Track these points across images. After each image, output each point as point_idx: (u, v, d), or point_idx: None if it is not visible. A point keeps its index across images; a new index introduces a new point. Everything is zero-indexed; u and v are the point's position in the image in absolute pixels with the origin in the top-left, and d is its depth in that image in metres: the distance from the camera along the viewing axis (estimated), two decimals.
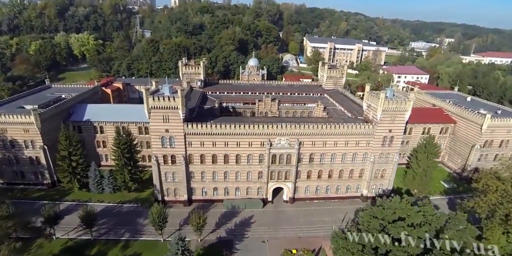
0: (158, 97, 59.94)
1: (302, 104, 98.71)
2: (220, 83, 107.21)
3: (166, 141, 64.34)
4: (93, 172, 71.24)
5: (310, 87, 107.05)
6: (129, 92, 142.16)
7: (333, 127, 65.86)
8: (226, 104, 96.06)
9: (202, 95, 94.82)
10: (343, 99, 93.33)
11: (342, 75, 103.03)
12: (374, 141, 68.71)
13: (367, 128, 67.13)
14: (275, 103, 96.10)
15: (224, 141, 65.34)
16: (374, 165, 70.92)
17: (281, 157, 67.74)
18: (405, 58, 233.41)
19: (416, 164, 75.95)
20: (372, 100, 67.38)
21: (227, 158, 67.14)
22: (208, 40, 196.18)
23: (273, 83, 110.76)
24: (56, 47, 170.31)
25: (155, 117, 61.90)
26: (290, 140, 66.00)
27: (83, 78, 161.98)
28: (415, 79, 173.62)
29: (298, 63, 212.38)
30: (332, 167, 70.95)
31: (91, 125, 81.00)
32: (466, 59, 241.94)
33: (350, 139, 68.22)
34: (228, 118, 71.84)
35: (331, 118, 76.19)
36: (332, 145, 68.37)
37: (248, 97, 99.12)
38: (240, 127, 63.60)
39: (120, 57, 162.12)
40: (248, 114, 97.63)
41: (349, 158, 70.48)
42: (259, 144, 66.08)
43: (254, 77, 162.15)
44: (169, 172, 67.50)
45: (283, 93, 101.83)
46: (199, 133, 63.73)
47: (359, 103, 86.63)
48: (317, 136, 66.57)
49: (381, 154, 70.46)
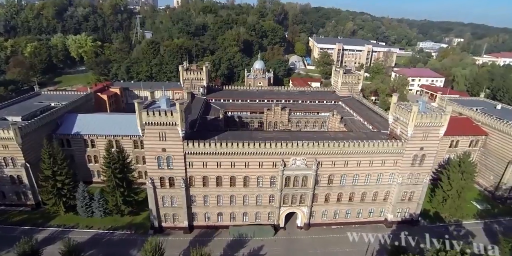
0: (153, 111, 50.76)
1: (315, 113, 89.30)
2: (224, 89, 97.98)
3: (163, 162, 55.20)
4: (81, 193, 62.27)
5: (323, 94, 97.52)
6: (128, 97, 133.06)
7: (357, 145, 56.42)
8: (231, 113, 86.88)
9: (205, 104, 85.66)
10: (361, 108, 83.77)
11: (358, 80, 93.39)
12: (403, 160, 59.16)
13: (395, 145, 57.58)
14: (286, 112, 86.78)
15: (231, 162, 56.08)
16: (401, 187, 61.43)
17: (296, 179, 58.42)
18: (416, 59, 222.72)
19: (448, 185, 66.27)
20: (401, 113, 57.79)
21: (234, 181, 57.92)
22: (211, 41, 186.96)
23: (282, 89, 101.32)
24: (53, 49, 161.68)
25: (150, 135, 52.77)
26: (307, 160, 56.64)
27: (81, 81, 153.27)
28: (430, 82, 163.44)
29: (305, 65, 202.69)
30: (353, 190, 61.51)
31: (81, 139, 72.04)
32: (480, 60, 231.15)
33: (376, 158, 58.73)
34: (235, 133, 62.50)
35: (351, 132, 66.63)
36: (355, 165, 58.93)
37: (256, 105, 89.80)
38: (249, 146, 54.32)
39: (118, 59, 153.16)
40: (256, 124, 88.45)
41: (373, 179, 61.03)
42: (271, 165, 56.81)
43: (260, 81, 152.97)
44: (166, 196, 58.38)
45: (294, 101, 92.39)
46: (201, 152, 54.50)
47: (379, 113, 77.18)
48: (338, 155, 57.14)
49: (410, 174, 60.91)
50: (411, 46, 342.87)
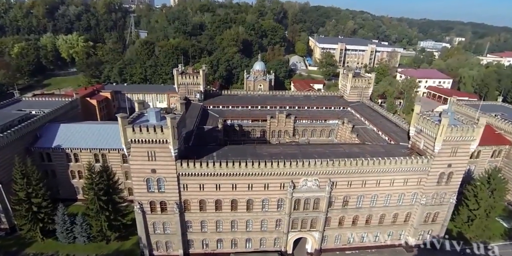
0: (140, 127, 42.77)
1: (322, 120, 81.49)
2: (223, 94, 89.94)
3: (153, 184, 47.25)
4: (61, 217, 54.27)
5: (330, 99, 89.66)
6: (120, 101, 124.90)
7: (377, 163, 48.71)
8: (231, 122, 78.90)
9: (202, 111, 77.64)
10: (373, 115, 76.02)
11: (368, 84, 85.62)
12: (427, 178, 51.58)
13: (420, 163, 49.91)
14: (291, 120, 78.92)
15: (232, 184, 48.21)
16: (425, 208, 53.87)
17: (307, 202, 50.69)
18: (420, 59, 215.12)
19: (475, 204, 58.77)
20: (427, 125, 50.09)
21: (235, 204, 50.07)
22: (208, 41, 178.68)
23: (286, 93, 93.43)
24: (42, 50, 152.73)
25: (137, 154, 44.80)
26: (320, 180, 48.91)
27: (71, 84, 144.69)
28: (437, 84, 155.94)
29: (306, 66, 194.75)
30: (371, 212, 53.88)
31: (63, 153, 63.90)
32: (484, 60, 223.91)
33: (398, 177, 51.08)
34: (236, 149, 54.53)
35: (367, 146, 58.81)
36: (374, 185, 51.26)
37: (257, 112, 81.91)
38: (253, 166, 46.45)
39: (110, 60, 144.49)
40: (258, 133, 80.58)
41: (394, 200, 53.40)
42: (278, 187, 49.02)
43: (261, 83, 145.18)
44: (158, 222, 50.50)
45: (299, 107, 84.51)
46: (198, 173, 46.57)
47: (394, 121, 69.50)
48: (356, 175, 49.43)
49: (435, 194, 53.34)
50: (412, 45, 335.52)
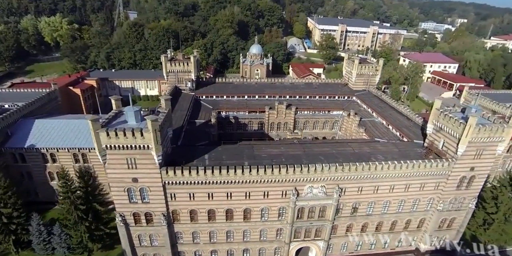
0: (115, 131, 35.62)
1: (326, 111, 74.45)
2: (217, 82, 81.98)
3: (135, 195, 40.76)
4: (36, 227, 48.08)
5: (334, 87, 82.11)
6: (108, 89, 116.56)
7: (392, 168, 42.34)
8: (226, 113, 71.68)
9: (193, 102, 70.14)
10: (381, 106, 68.99)
11: (376, 72, 77.88)
12: (447, 183, 45.54)
13: (440, 166, 43.61)
14: (291, 111, 71.82)
15: (226, 192, 41.82)
16: (441, 214, 48.25)
17: (312, 210, 44.69)
18: (423, 42, 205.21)
19: (493, 207, 53.18)
20: (449, 124, 43.34)
21: (231, 214, 43.95)
22: (202, 22, 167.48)
23: (286, 81, 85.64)
24: (23, 34, 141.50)
25: (114, 162, 37.94)
26: (327, 187, 42.66)
27: (56, 70, 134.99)
28: (442, 68, 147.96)
29: (305, 49, 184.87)
30: (382, 218, 48.16)
31: (38, 153, 56.84)
32: (488, 43, 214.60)
33: (414, 181, 44.90)
34: (231, 149, 47.61)
35: (378, 144, 52.19)
36: (387, 191, 45.18)
37: (255, 102, 74.51)
38: (251, 173, 39.86)
39: (97, 44, 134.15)
40: (255, 125, 73.64)
41: (408, 206, 47.56)
42: (279, 195, 42.76)
43: (258, 68, 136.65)
44: (144, 234, 44.46)
45: (300, 96, 77.09)
46: (187, 182, 39.99)
47: (405, 114, 62.66)
48: (367, 180, 43.18)
49: (454, 199, 47.55)
50: (413, 26, 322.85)
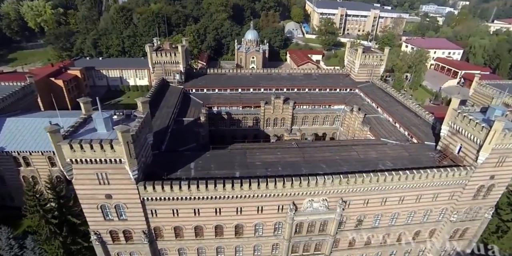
0: (80, 143, 29.63)
1: (326, 105, 68.32)
2: (208, 73, 75.03)
3: (110, 211, 35.36)
4: (5, 241, 43.04)
5: (335, 78, 75.53)
6: (95, 79, 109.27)
7: (403, 179, 36.92)
8: (218, 109, 65.47)
9: (182, 96, 63.75)
10: (386, 101, 62.87)
11: (380, 62, 71.13)
12: (463, 192, 40.37)
13: (457, 176, 38.24)
14: (289, 106, 65.64)
15: (215, 208, 36.45)
16: (454, 224, 43.43)
17: (312, 225, 39.66)
18: (425, 26, 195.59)
19: (509, 214, 48.55)
20: (469, 127, 37.55)
21: (221, 230, 38.81)
22: (194, 6, 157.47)
23: (283, 72, 78.60)
24: (4, 19, 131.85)
25: (83, 177, 32.19)
26: (329, 200, 37.38)
27: (41, 58, 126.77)
28: (446, 55, 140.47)
29: (303, 34, 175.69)
30: (389, 231, 43.27)
31: (9, 156, 51.00)
32: (492, 27, 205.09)
33: (427, 192, 39.66)
34: (221, 155, 41.75)
35: (387, 147, 46.42)
36: (396, 203, 40.02)
37: (249, 96, 68.10)
38: (242, 188, 34.33)
39: (82, 30, 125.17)
40: (250, 122, 67.69)
41: (418, 217, 42.56)
42: (275, 209, 37.48)
43: (254, 55, 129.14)
44: (123, 252, 39.38)
45: (299, 89, 70.61)
46: (169, 197, 34.49)
47: (412, 109, 56.70)
48: (375, 192, 37.87)
49: (469, 209, 42.60)
50: (414, 9, 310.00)
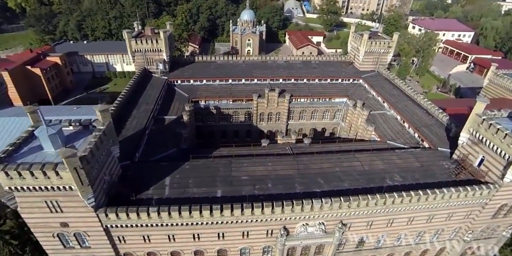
0: (17, 169, 23.48)
1: (327, 98, 61.41)
2: (196, 61, 67.38)
3: (70, 239, 29.91)
4: None
5: (336, 66, 67.91)
6: (79, 65, 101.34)
7: (415, 200, 31.06)
8: (205, 103, 58.71)
9: (165, 89, 56.94)
10: (394, 94, 55.89)
11: (388, 49, 63.22)
12: (482, 211, 34.72)
13: (478, 195, 32.36)
14: (285, 100, 58.79)
15: (192, 233, 30.94)
16: (466, 243, 38.24)
17: (306, 249, 34.38)
18: (433, 4, 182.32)
19: None
20: (495, 138, 31.10)
21: (201, 255, 33.57)
22: None
23: (279, 59, 70.74)
24: None
25: (29, 205, 26.42)
26: (327, 224, 31.81)
27: (22, 41, 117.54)
28: (456, 37, 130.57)
29: (304, 13, 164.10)
30: (394, 251, 38.14)
31: None
32: (504, 6, 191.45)
33: (439, 212, 34.00)
34: (202, 169, 35.62)
35: (394, 155, 40.05)
36: (404, 224, 34.50)
37: (241, 88, 60.99)
38: (223, 213, 28.60)
39: (65, 11, 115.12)
40: (242, 117, 61.18)
41: (427, 236, 37.28)
42: (263, 234, 32.00)
43: (250, 37, 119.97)
44: None
45: (296, 79, 63.34)
46: (136, 225, 28.88)
47: (423, 106, 49.99)
48: (381, 214, 32.18)
49: (486, 228, 37.21)
50: None
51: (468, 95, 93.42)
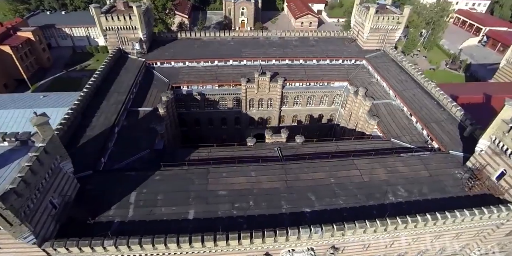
0: None
1: (325, 82, 54.30)
2: (179, 38, 59.04)
3: None
4: None
5: (337, 44, 59.58)
6: (57, 39, 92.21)
7: (421, 223, 26.05)
8: (188, 88, 51.89)
9: (143, 72, 50.01)
10: (401, 80, 48.76)
11: (397, 25, 54.62)
12: (496, 231, 29.95)
13: (495, 217, 27.27)
14: (277, 85, 51.89)
15: None
16: None
17: None
18: None
19: None
20: None
21: None
22: None
23: (273, 34, 62.03)
24: None
25: None
26: (317, 249, 27.21)
27: None
28: (470, 6, 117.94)
29: None
30: None
31: None
32: None
33: (448, 232, 29.20)
34: (175, 181, 30.09)
35: (399, 160, 34.02)
36: (406, 244, 29.93)
37: (229, 71, 53.64)
38: (191, 246, 23.79)
39: None
40: (230, 103, 54.89)
41: (431, 253, 33.01)
42: None
43: (244, 6, 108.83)
44: None
45: (291, 60, 55.69)
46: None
47: (436, 97, 43.35)
48: (379, 238, 27.42)
49: (497, 244, 32.80)
50: None
51: (478, 73, 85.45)
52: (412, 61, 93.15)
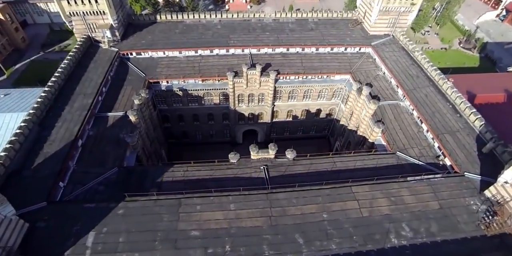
0: None
1: (324, 75, 47.25)
2: (159, 21, 50.82)
3: None
4: None
5: (340, 28, 51.16)
6: (33, 15, 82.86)
7: None
8: (168, 83, 45.26)
9: (115, 65, 43.32)
10: (412, 76, 41.71)
11: (411, 7, 45.99)
12: None
13: None
14: (269, 79, 45.10)
15: None
16: None
17: None
18: None
19: None
20: None
21: None
22: None
23: (267, 16, 53.42)
24: None
25: None
26: None
27: None
28: None
29: None
30: None
31: None
32: None
33: None
34: (140, 216, 25.08)
35: (404, 186, 28.52)
36: None
37: (214, 62, 46.39)
38: None
39: None
40: (216, 98, 48.42)
41: None
42: None
43: None
44: None
45: (286, 48, 48.08)
46: None
47: (452, 100, 36.87)
48: None
49: None
50: None
51: (494, 53, 76.79)
52: (423, 39, 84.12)
